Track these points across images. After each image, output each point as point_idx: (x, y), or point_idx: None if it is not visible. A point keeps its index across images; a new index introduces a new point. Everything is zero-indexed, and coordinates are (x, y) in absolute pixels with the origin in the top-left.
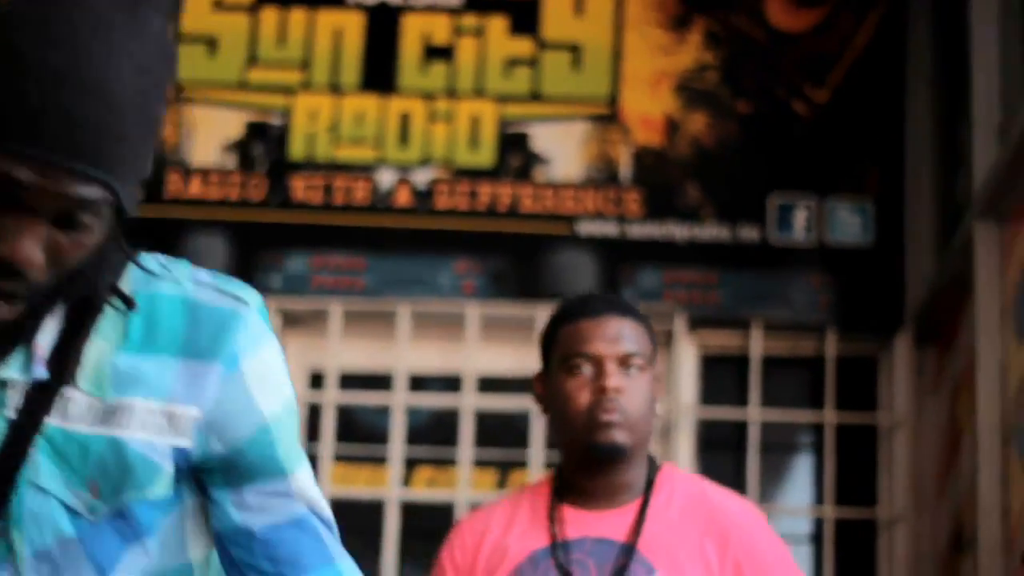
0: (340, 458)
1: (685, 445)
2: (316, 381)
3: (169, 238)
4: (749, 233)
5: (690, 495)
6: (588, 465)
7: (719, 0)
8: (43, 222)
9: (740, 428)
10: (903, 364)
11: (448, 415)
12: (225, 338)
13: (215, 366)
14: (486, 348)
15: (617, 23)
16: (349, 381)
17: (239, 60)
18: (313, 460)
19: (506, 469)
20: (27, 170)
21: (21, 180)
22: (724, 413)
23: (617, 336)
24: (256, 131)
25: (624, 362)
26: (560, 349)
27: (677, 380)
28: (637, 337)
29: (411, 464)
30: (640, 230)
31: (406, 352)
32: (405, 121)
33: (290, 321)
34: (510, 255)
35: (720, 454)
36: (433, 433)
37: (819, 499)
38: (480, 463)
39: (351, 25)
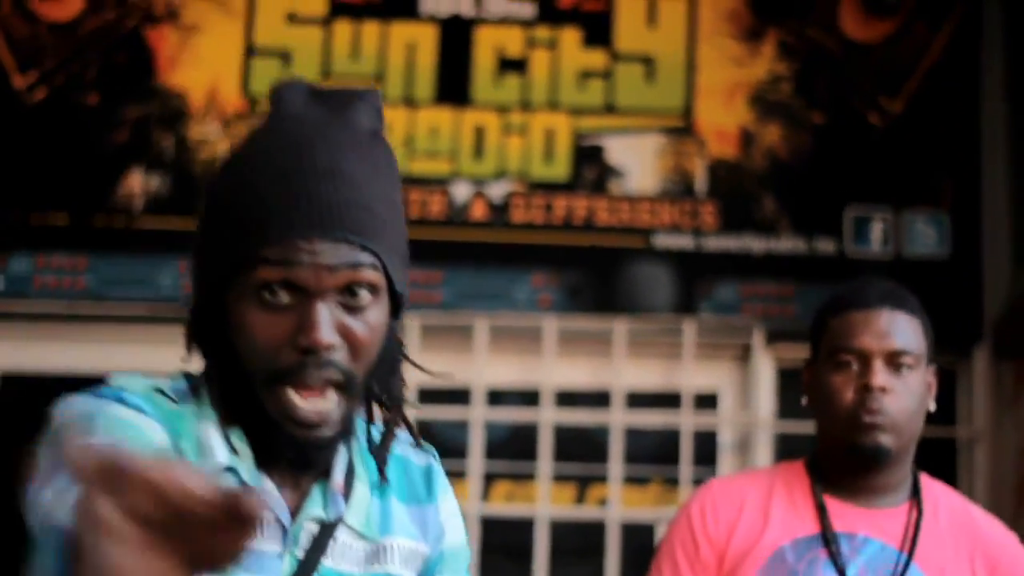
0: None
1: (764, 459)
2: None
3: None
4: (825, 246)
5: (955, 511)
6: (850, 465)
7: (792, 11)
8: (329, 303)
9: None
10: (982, 377)
11: (526, 429)
12: (431, 485)
13: (431, 507)
14: (564, 362)
15: (690, 34)
16: (427, 396)
17: (312, 73)
18: None
19: (585, 483)
20: (296, 251)
21: (296, 262)
22: (802, 427)
23: (887, 331)
24: None
25: (893, 359)
26: (828, 340)
27: (755, 394)
28: (910, 333)
29: (490, 478)
30: (716, 243)
31: (484, 366)
32: (479, 134)
33: None
34: (586, 268)
35: None
36: (511, 447)
37: None
38: (559, 478)
39: (424, 38)
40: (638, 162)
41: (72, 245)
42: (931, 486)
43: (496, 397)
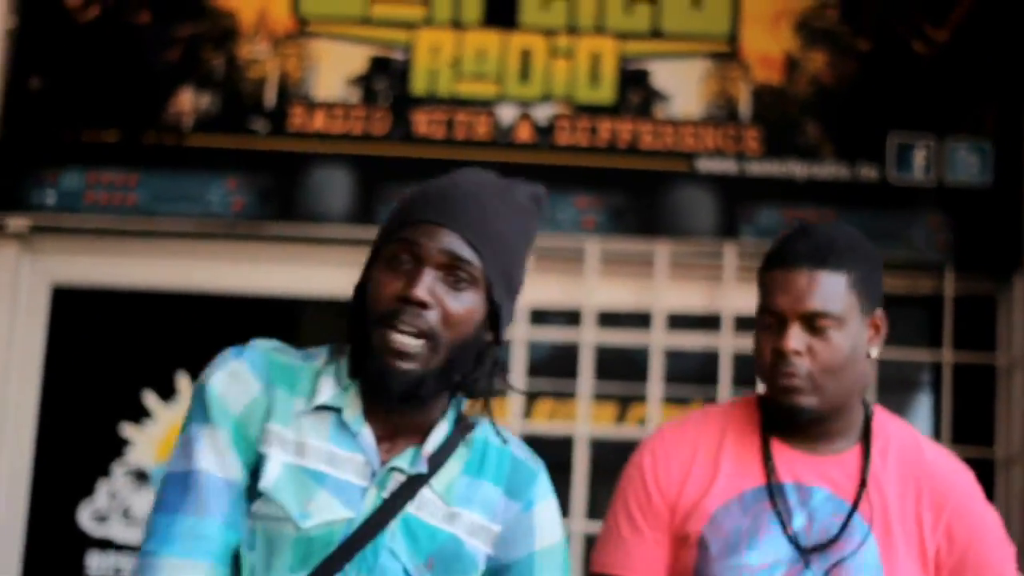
0: None
1: None
2: None
3: (293, 171)
4: (868, 172)
5: (905, 449)
6: (784, 418)
7: None
8: (435, 275)
9: None
10: (1021, 303)
11: (568, 349)
12: (530, 487)
13: (518, 504)
14: (606, 283)
15: None
16: None
17: None
18: None
19: (626, 403)
20: (421, 231)
21: (417, 239)
22: None
23: (804, 292)
24: (379, 66)
25: (810, 321)
26: (760, 297)
27: None
28: (831, 291)
29: (532, 397)
30: (759, 168)
31: (526, 286)
32: (526, 57)
33: None
34: (630, 191)
35: None
36: (554, 366)
37: (936, 437)
38: (600, 397)
39: None
40: (683, 87)
41: (123, 162)
42: (884, 424)
43: (539, 316)
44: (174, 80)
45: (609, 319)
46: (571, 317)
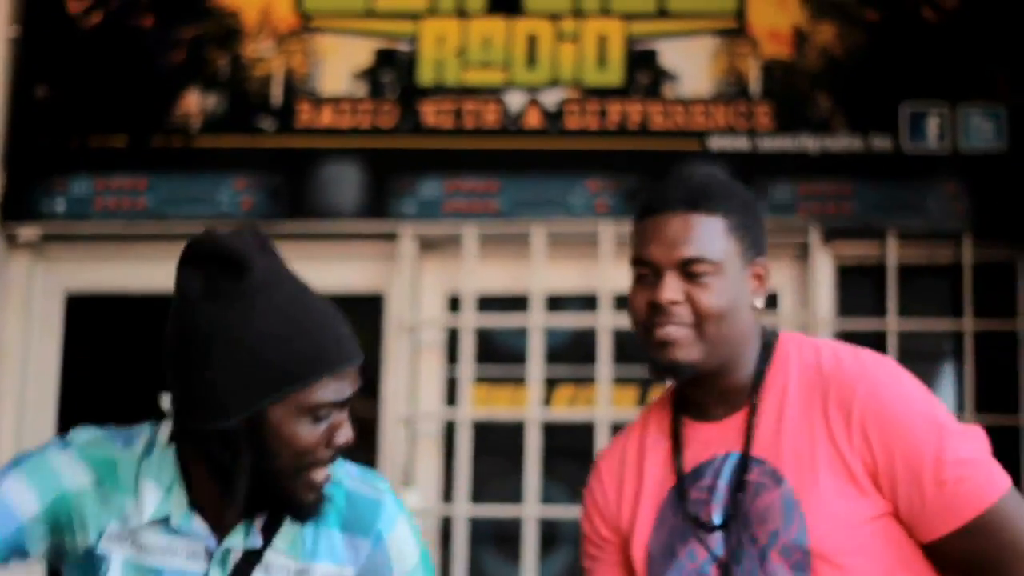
0: (480, 379)
1: None
2: (454, 304)
3: (302, 168)
4: (882, 143)
5: (805, 368)
6: (666, 376)
7: None
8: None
9: (879, 339)
10: None
11: (586, 334)
12: (375, 519)
13: (366, 541)
14: (621, 266)
15: None
16: (486, 303)
17: None
18: (453, 383)
19: (647, 385)
20: (348, 380)
21: (349, 390)
22: (862, 324)
23: (679, 238)
24: (385, 58)
25: (686, 268)
26: (631, 248)
27: (813, 293)
28: (707, 236)
29: (551, 384)
30: (771, 143)
31: (542, 273)
32: (532, 43)
33: (426, 246)
34: (642, 173)
35: None
36: (572, 352)
37: (960, 407)
38: (620, 380)
39: None
40: (692, 65)
41: (131, 166)
42: (784, 358)
43: (555, 303)
44: (180, 82)
45: (625, 302)
46: (587, 302)
